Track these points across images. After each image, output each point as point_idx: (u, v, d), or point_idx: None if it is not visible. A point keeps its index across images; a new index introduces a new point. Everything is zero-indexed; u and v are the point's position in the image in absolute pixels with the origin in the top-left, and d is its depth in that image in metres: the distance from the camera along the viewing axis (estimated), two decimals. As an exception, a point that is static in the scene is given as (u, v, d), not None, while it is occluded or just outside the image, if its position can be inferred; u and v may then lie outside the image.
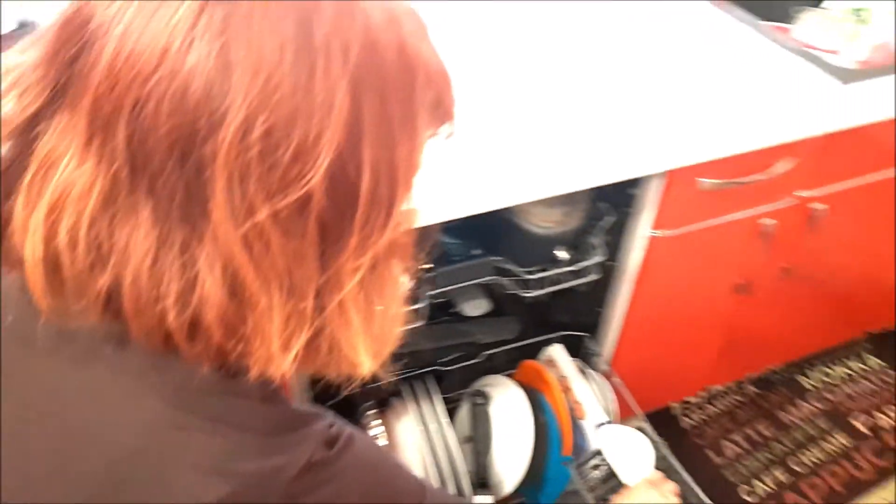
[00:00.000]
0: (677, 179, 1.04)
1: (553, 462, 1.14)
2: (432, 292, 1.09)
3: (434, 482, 1.06)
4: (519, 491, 1.16)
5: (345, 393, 1.16)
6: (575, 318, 1.39)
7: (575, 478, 1.06)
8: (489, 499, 1.09)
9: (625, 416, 1.29)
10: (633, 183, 1.06)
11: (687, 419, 1.69)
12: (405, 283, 0.50)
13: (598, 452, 1.08)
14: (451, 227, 1.17)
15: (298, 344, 0.40)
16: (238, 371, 0.41)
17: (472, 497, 1.09)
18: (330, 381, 0.46)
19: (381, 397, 1.20)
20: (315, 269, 0.39)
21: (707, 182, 1.06)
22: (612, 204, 1.15)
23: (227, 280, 0.37)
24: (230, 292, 0.37)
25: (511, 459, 1.12)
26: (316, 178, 0.36)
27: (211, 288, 0.37)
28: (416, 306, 1.06)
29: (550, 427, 1.15)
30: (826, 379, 1.80)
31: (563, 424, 1.15)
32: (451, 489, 1.08)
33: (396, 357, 1.25)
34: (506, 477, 1.13)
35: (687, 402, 1.72)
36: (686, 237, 1.14)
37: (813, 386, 1.78)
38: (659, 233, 1.11)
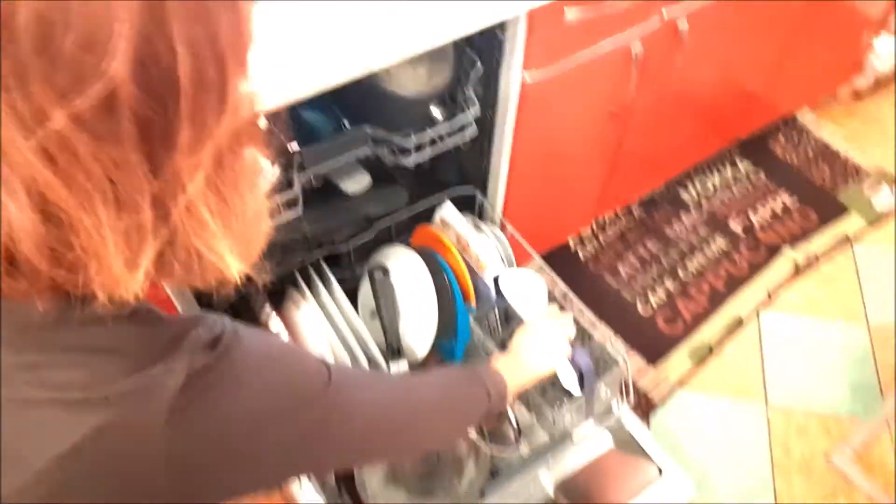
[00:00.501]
0: (542, 16, 1.00)
1: (460, 316, 1.17)
2: (306, 175, 1.04)
3: (348, 363, 1.07)
4: (434, 350, 1.20)
5: (235, 296, 1.12)
6: (462, 175, 1.38)
7: (474, 327, 1.10)
8: (405, 364, 1.11)
9: (523, 261, 1.33)
10: (499, 27, 1.01)
11: (582, 251, 1.78)
12: (265, 172, 0.46)
13: (496, 298, 1.13)
14: (314, 103, 1.09)
15: (146, 260, 0.36)
16: (87, 298, 0.37)
17: (388, 367, 1.12)
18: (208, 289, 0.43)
19: (276, 290, 1.17)
20: (144, 175, 0.34)
21: (574, 12, 1.02)
22: (479, 53, 1.09)
23: (35, 203, 0.32)
24: (43, 217, 0.32)
25: (419, 324, 1.14)
26: (117, 65, 0.30)
27: (18, 215, 0.31)
28: (291, 193, 1.01)
29: (452, 285, 1.17)
30: (704, 190, 1.92)
31: (463, 280, 1.17)
32: (365, 365, 1.10)
33: (284, 247, 1.19)
34: (418, 342, 1.15)
35: (580, 236, 1.80)
36: (559, 76, 1.12)
37: (692, 199, 1.90)
38: (531, 73, 1.08)
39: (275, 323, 1.03)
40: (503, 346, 1.14)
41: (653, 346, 1.60)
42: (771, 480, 1.43)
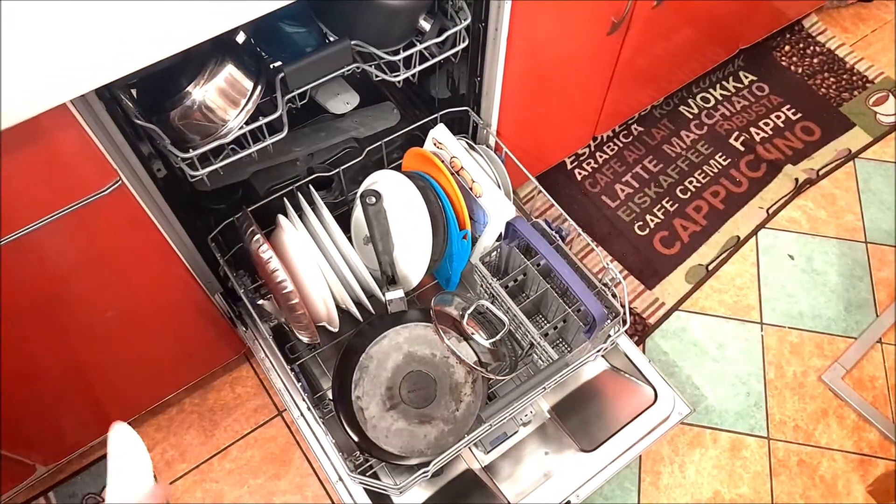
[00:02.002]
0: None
1: (455, 242, 1.14)
2: (290, 94, 0.97)
3: (337, 291, 1.04)
4: (430, 276, 1.17)
5: (224, 222, 1.07)
6: (454, 91, 1.31)
7: (474, 260, 1.07)
8: (400, 292, 1.09)
9: (518, 182, 1.28)
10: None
11: (579, 171, 1.72)
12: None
13: (504, 241, 1.09)
14: (297, 17, 1.01)
15: None
16: None
17: (384, 295, 1.09)
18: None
19: (265, 216, 1.13)
20: None
21: None
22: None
23: None
24: None
25: (414, 251, 1.10)
26: None
27: None
28: (275, 114, 0.95)
29: (446, 209, 1.13)
30: (705, 104, 1.85)
31: (457, 204, 1.12)
32: (360, 293, 1.07)
33: (271, 172, 1.12)
34: (413, 268, 1.12)
35: (578, 155, 1.74)
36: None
37: (693, 114, 1.83)
38: (525, -21, 0.99)
39: (263, 249, 0.99)
40: (506, 289, 1.10)
41: (650, 268, 1.58)
42: (763, 399, 1.44)
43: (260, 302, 1.12)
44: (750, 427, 1.41)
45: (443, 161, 1.21)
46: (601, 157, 1.74)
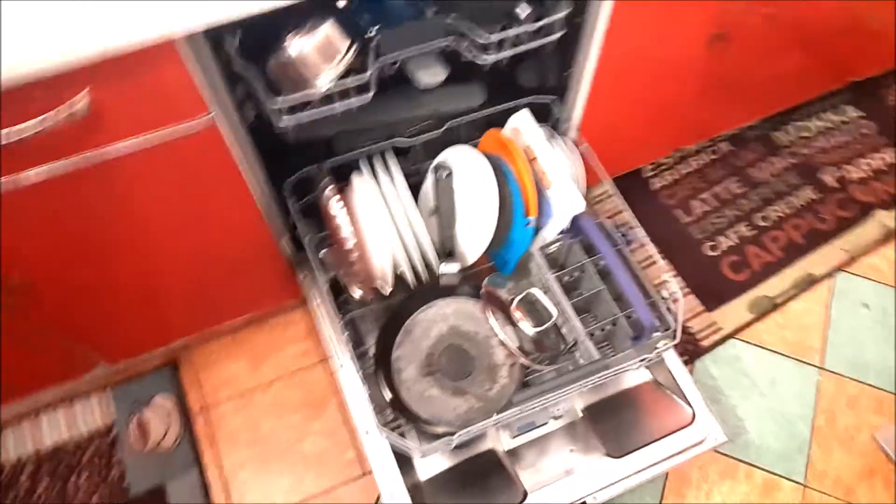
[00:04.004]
0: None
1: (517, 229, 1.15)
2: (381, 61, 1.00)
3: (397, 254, 1.07)
4: (487, 258, 1.19)
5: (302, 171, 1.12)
6: (542, 81, 1.31)
7: (534, 250, 1.08)
8: (455, 266, 1.11)
9: (593, 182, 1.27)
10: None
11: (657, 180, 1.69)
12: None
13: (567, 234, 1.09)
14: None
15: None
16: None
17: (438, 267, 1.12)
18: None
19: (341, 174, 1.17)
20: None
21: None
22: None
23: None
24: None
25: (475, 230, 1.12)
26: None
27: None
28: (364, 77, 0.98)
29: (514, 195, 1.14)
30: (802, 134, 1.77)
31: (527, 192, 1.13)
32: (417, 260, 1.10)
33: (352, 133, 1.17)
34: (471, 246, 1.14)
35: (658, 164, 1.71)
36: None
37: (788, 141, 1.76)
38: (632, -22, 0.98)
39: (335, 204, 1.03)
40: (561, 283, 1.11)
41: (713, 290, 1.54)
42: (808, 445, 1.39)
43: (322, 252, 1.17)
44: (788, 470, 1.37)
45: (520, 147, 1.22)
46: (682, 169, 1.71)
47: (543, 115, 1.31)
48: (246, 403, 1.44)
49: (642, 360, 1.04)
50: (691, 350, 1.47)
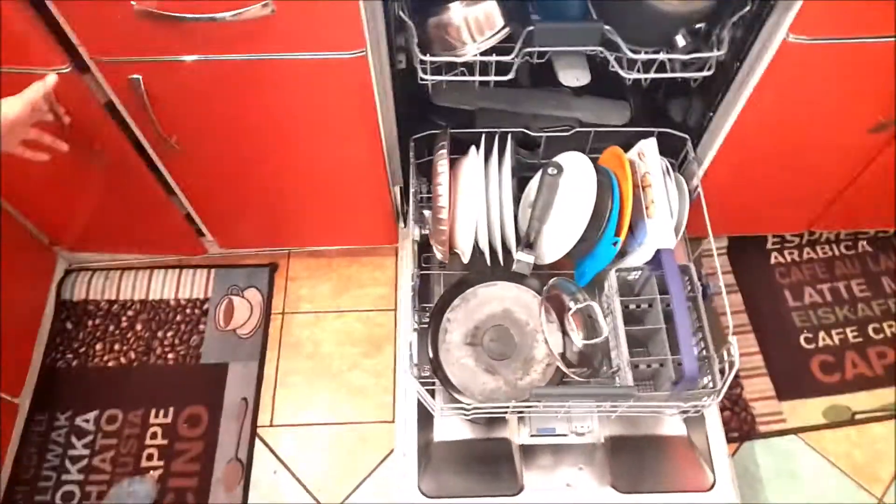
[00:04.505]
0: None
1: (605, 242, 1.17)
2: (529, 48, 1.06)
3: (482, 230, 1.13)
4: (566, 264, 1.22)
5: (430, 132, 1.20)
6: (685, 118, 1.31)
7: (610, 270, 1.10)
8: (530, 258, 1.15)
9: (696, 232, 1.26)
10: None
11: (778, 255, 1.62)
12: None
13: (650, 266, 1.11)
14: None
15: None
16: None
17: (515, 252, 1.17)
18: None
19: (466, 145, 1.24)
20: None
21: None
22: (753, -7, 1.00)
23: None
24: None
25: (562, 233, 1.16)
26: None
27: None
28: (507, 57, 1.04)
29: (611, 213, 1.16)
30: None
31: (625, 213, 1.15)
32: (497, 241, 1.15)
33: (486, 111, 1.24)
34: (552, 247, 1.18)
35: (785, 239, 1.64)
36: (826, 50, 0.99)
37: (938, 263, 1.62)
38: (795, 38, 0.97)
39: (442, 164, 1.11)
40: (626, 309, 1.12)
41: (792, 381, 1.46)
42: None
43: (422, 209, 1.26)
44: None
45: (636, 171, 1.24)
46: (808, 253, 1.62)
47: (675, 151, 1.31)
48: (318, 321, 1.57)
49: (673, 406, 1.04)
50: (746, 429, 1.41)
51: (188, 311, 1.59)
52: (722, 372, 1.07)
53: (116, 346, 1.54)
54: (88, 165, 1.22)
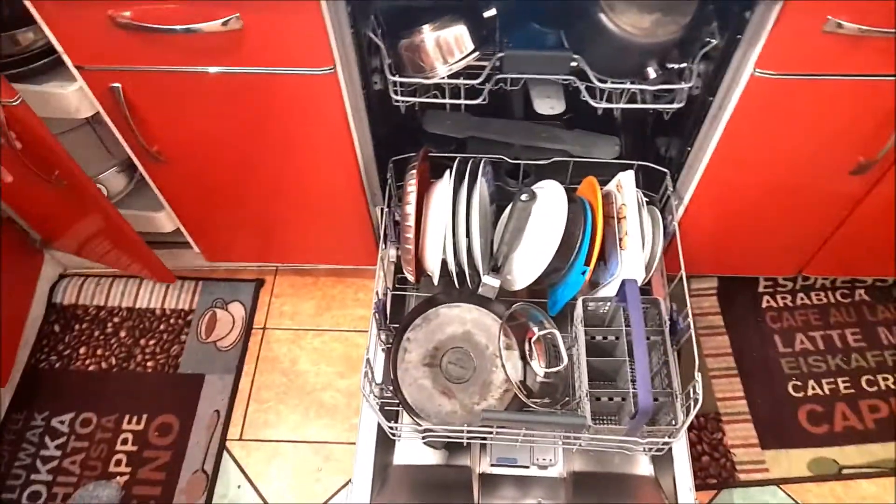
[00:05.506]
0: (800, 11, 0.87)
1: (575, 271, 1.15)
2: (501, 76, 1.07)
3: (449, 253, 1.13)
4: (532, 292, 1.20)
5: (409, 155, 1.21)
6: (667, 151, 1.30)
7: (579, 302, 1.09)
8: (496, 282, 1.14)
9: (669, 270, 1.24)
10: (750, 4, 0.90)
11: (770, 298, 1.58)
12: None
13: (615, 298, 1.09)
14: (542, 15, 1.09)
15: None
16: None
17: (481, 277, 1.16)
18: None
19: (435, 165, 1.25)
20: None
21: (837, 24, 0.88)
22: (721, 26, 1.00)
23: None
24: None
25: (531, 261, 1.15)
26: None
27: None
28: (475, 81, 1.06)
29: (582, 244, 1.15)
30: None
31: (593, 244, 1.14)
32: (465, 263, 1.15)
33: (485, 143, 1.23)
34: (520, 274, 1.17)
35: (777, 283, 1.59)
36: (795, 86, 0.98)
37: (939, 316, 1.55)
38: (761, 72, 0.96)
39: (411, 185, 1.11)
40: (592, 340, 1.10)
41: (777, 430, 1.41)
42: None
43: (395, 230, 1.26)
44: None
45: (612, 202, 1.23)
46: (802, 299, 1.57)
47: (657, 186, 1.29)
48: (297, 339, 1.58)
49: (631, 442, 1.00)
50: (725, 476, 1.36)
51: (172, 320, 1.61)
52: (687, 411, 1.03)
53: (99, 351, 1.56)
54: (53, 188, 1.23)
